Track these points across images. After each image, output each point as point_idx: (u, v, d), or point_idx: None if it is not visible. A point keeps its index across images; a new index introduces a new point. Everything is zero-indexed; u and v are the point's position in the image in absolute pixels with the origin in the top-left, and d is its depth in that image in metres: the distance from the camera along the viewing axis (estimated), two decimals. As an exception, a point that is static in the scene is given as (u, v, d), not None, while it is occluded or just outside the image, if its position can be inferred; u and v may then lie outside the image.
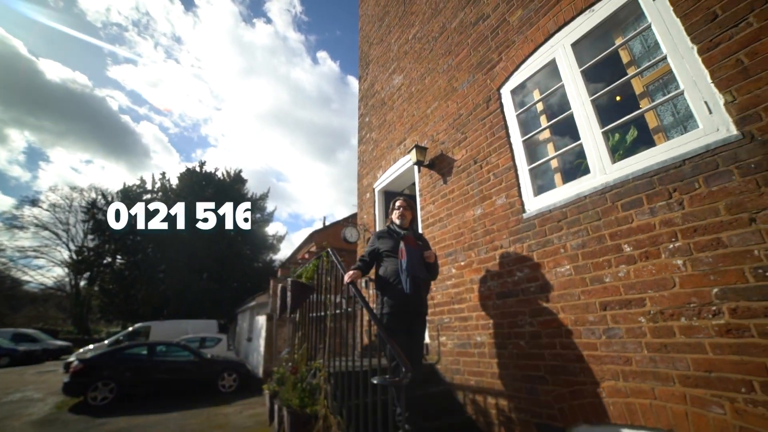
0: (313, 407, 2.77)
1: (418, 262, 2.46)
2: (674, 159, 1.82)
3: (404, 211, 2.77)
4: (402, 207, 2.78)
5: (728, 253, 1.58)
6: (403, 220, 2.75)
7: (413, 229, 2.83)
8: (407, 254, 2.44)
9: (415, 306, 2.47)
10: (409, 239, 2.56)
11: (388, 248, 2.59)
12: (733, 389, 1.49)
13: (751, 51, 1.66)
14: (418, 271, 2.44)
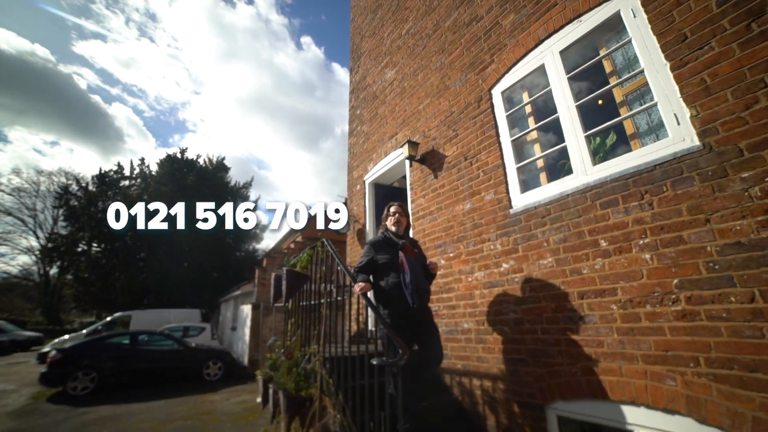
0: (308, 390, 2.91)
1: (420, 274, 2.40)
2: (647, 164, 2.03)
3: (400, 218, 2.66)
4: (398, 213, 2.67)
5: (687, 249, 1.80)
6: (398, 227, 2.64)
7: (408, 237, 2.73)
8: (409, 267, 2.37)
9: (419, 316, 2.45)
10: (408, 249, 2.48)
11: (387, 260, 2.48)
12: (684, 365, 1.73)
13: (712, 72, 1.86)
14: (422, 284, 2.37)
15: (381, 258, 2.51)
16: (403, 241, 2.54)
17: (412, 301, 2.30)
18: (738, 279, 1.63)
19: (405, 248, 2.47)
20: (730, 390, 1.59)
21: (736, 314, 1.62)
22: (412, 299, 2.30)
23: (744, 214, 1.66)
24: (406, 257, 2.41)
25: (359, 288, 2.38)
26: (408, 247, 2.50)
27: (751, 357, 1.56)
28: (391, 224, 2.66)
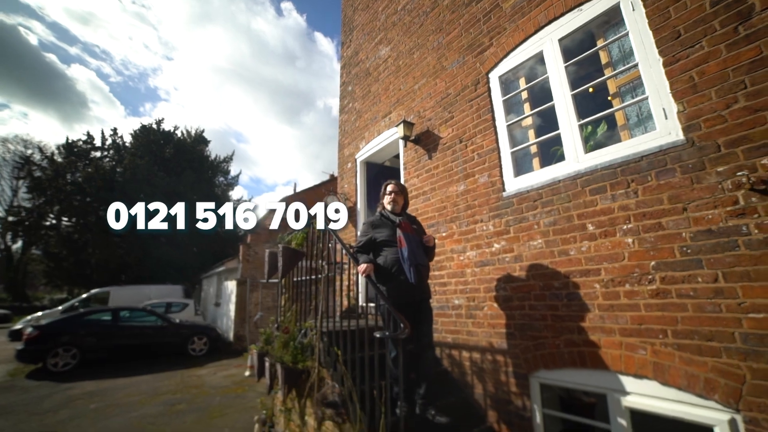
0: (305, 363, 3.05)
1: (418, 249, 2.47)
2: (635, 155, 2.18)
3: (396, 197, 2.70)
4: (394, 192, 2.70)
5: (665, 235, 1.99)
6: (395, 206, 2.69)
7: (406, 214, 2.78)
8: (407, 242, 2.43)
9: (420, 294, 2.49)
10: (406, 226, 2.53)
11: (385, 237, 2.54)
12: (654, 336, 1.96)
13: (700, 71, 1.99)
14: (420, 259, 2.45)
15: (379, 236, 2.57)
16: (400, 218, 2.61)
17: (411, 277, 2.37)
18: (706, 262, 1.83)
19: (402, 225, 2.53)
20: (690, 357, 1.82)
21: (701, 293, 1.83)
22: (410, 274, 2.38)
23: (716, 205, 1.84)
24: (404, 233, 2.47)
25: (363, 270, 2.41)
26: (405, 224, 2.56)
27: (709, 329, 1.78)
28: (388, 203, 2.71)
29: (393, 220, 2.62)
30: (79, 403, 5.46)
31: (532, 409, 2.46)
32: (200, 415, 4.72)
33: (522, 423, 2.51)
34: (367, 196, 5.06)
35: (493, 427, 2.69)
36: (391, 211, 2.70)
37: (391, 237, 2.54)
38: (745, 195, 1.76)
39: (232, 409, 4.93)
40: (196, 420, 4.52)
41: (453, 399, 2.82)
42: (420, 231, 2.70)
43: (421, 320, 2.49)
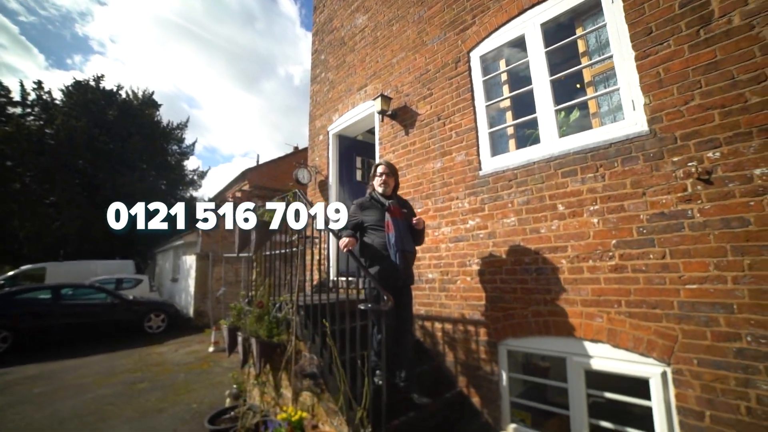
0: (280, 337, 3.06)
1: (405, 235, 2.45)
2: (605, 142, 2.35)
3: (387, 179, 2.63)
4: (384, 174, 2.63)
5: (626, 216, 2.21)
6: (385, 188, 2.63)
7: (397, 197, 2.72)
8: (395, 227, 2.41)
9: (403, 279, 2.50)
10: (395, 210, 2.49)
11: (373, 221, 2.52)
12: (610, 306, 2.21)
13: (666, 67, 2.16)
14: (407, 245, 2.44)
15: (367, 219, 2.56)
16: (390, 201, 2.55)
17: (397, 261, 2.38)
18: (657, 241, 2.08)
19: (391, 209, 2.50)
20: (638, 322, 2.10)
21: (651, 268, 2.08)
22: (396, 259, 2.39)
23: (669, 191, 2.07)
24: (392, 218, 2.45)
25: (344, 244, 2.40)
26: (395, 208, 2.52)
27: (655, 298, 2.05)
28: (378, 185, 2.66)
29: (383, 203, 2.57)
30: (19, 389, 4.99)
31: (499, 374, 2.71)
32: (165, 392, 4.58)
33: (490, 386, 2.76)
34: (339, 170, 4.98)
35: (463, 391, 2.92)
36: (381, 194, 2.64)
37: (379, 221, 2.52)
38: (692, 183, 2.00)
39: (198, 385, 4.83)
40: (161, 397, 4.38)
41: (426, 367, 3.00)
42: (410, 215, 2.67)
43: (401, 305, 2.49)
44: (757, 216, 1.80)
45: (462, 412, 2.80)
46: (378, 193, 2.66)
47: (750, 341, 1.77)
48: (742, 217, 1.84)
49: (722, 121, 1.95)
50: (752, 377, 1.75)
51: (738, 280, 1.82)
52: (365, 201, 2.66)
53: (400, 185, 2.96)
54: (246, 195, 10.95)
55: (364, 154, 5.24)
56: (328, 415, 2.56)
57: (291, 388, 2.84)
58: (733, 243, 1.85)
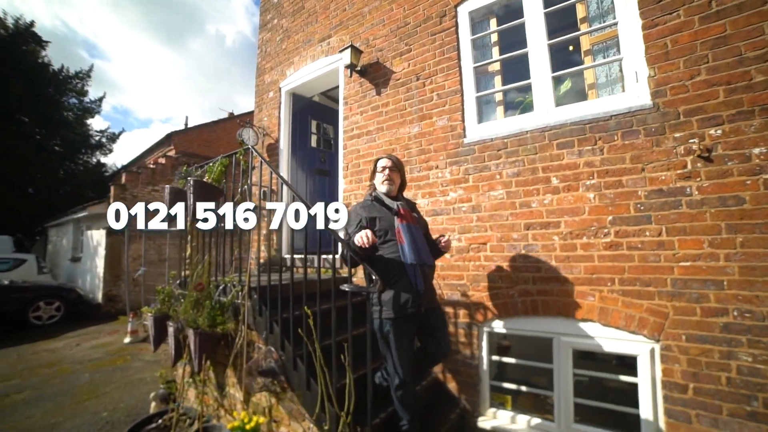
0: (225, 325, 2.47)
1: (422, 245, 1.93)
2: (605, 113, 2.23)
3: (391, 174, 2.08)
4: (389, 168, 2.09)
5: (623, 192, 2.14)
6: (390, 186, 2.07)
7: (404, 198, 2.19)
8: (408, 236, 1.89)
9: (427, 303, 1.95)
10: (406, 214, 1.97)
11: (380, 228, 1.97)
12: (603, 284, 2.15)
13: (674, 39, 2.09)
14: (425, 257, 1.92)
15: (375, 226, 1.97)
16: (399, 203, 2.02)
17: (416, 280, 1.86)
18: (654, 218, 2.04)
19: (401, 213, 1.96)
20: (630, 301, 2.06)
21: (647, 245, 2.05)
22: (415, 278, 1.86)
23: (669, 167, 2.03)
24: (403, 224, 1.93)
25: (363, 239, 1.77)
26: (405, 211, 1.98)
27: (649, 276, 2.03)
28: (381, 182, 2.09)
29: (389, 206, 2.02)
30: None
31: (480, 357, 2.55)
32: (60, 401, 3.50)
33: (469, 371, 2.58)
34: (292, 133, 4.30)
35: (438, 377, 2.71)
36: (386, 194, 2.09)
37: (386, 228, 1.98)
38: (693, 161, 1.97)
39: (111, 387, 3.83)
40: (52, 409, 3.31)
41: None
42: (422, 221, 2.17)
43: (429, 329, 2.05)
44: (752, 195, 1.83)
45: (437, 400, 2.59)
46: (381, 192, 2.10)
47: (736, 316, 1.82)
48: (738, 196, 1.86)
49: (726, 98, 1.92)
50: (735, 350, 1.81)
51: (730, 258, 1.85)
52: (366, 202, 2.09)
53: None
54: (172, 162, 9.22)
55: (320, 118, 4.62)
56: (292, 418, 2.11)
57: (241, 388, 2.30)
58: (728, 221, 1.87)
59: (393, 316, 1.86)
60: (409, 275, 1.87)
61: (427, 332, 2.06)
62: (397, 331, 1.88)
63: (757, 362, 1.77)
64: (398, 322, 1.87)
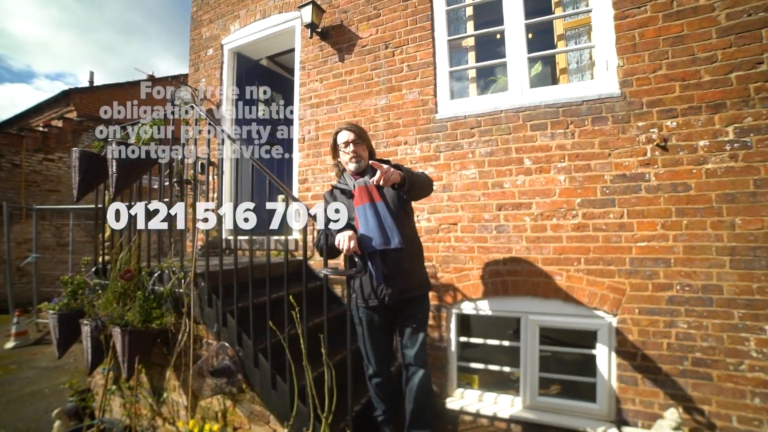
0: (162, 320, 2.04)
1: (385, 224, 1.63)
2: (578, 98, 2.29)
3: (357, 148, 1.76)
4: (353, 143, 1.76)
5: (592, 176, 2.23)
6: (360, 163, 1.77)
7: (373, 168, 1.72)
8: (363, 220, 1.65)
9: (396, 292, 1.66)
10: (362, 193, 1.68)
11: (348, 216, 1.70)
12: (570, 264, 2.25)
13: (641, 32, 2.20)
14: (387, 239, 1.60)
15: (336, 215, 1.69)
16: (359, 181, 1.73)
17: (376, 270, 1.61)
18: (618, 201, 2.17)
19: (359, 193, 1.69)
20: (594, 279, 2.19)
21: (610, 227, 2.18)
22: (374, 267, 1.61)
23: (632, 154, 2.16)
24: (358, 207, 1.67)
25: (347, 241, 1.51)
26: (361, 190, 1.69)
27: (611, 256, 2.17)
28: (348, 161, 1.79)
29: (347, 190, 1.77)
30: None
31: (449, 339, 2.52)
32: None
33: (437, 353, 2.54)
34: (237, 100, 3.73)
35: (404, 358, 2.63)
36: (354, 172, 1.80)
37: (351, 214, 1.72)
38: (652, 149, 2.12)
39: None
40: None
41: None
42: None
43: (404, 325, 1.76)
44: (697, 182, 2.03)
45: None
46: (350, 171, 1.82)
47: (678, 289, 2.03)
48: (685, 183, 2.05)
49: (681, 94, 2.09)
50: (675, 319, 2.03)
51: (677, 238, 2.05)
52: (329, 192, 1.87)
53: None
54: (72, 126, 7.42)
55: (270, 85, 4.07)
56: (253, 422, 1.83)
57: (187, 392, 1.92)
58: (677, 205, 2.06)
59: (362, 305, 1.75)
60: (370, 268, 1.62)
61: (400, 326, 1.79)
62: (367, 319, 1.77)
63: (691, 328, 2.01)
64: (367, 310, 1.75)
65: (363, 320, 1.77)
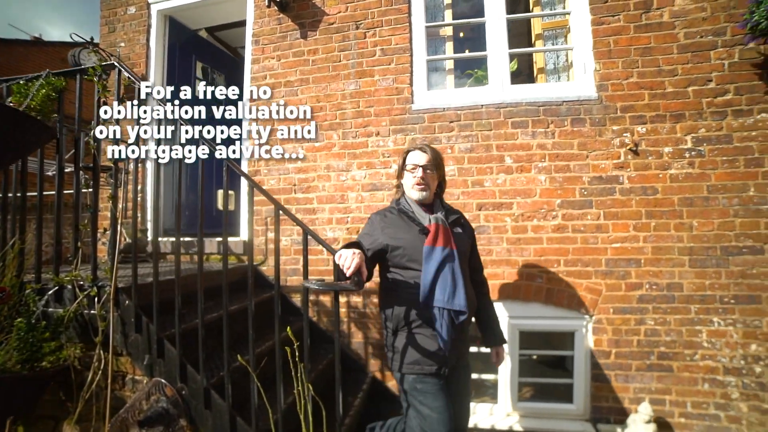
0: (58, 354, 1.47)
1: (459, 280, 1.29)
2: (558, 98, 2.27)
3: (426, 176, 1.42)
4: (422, 168, 1.41)
5: (571, 177, 2.23)
6: (425, 193, 1.42)
7: (443, 204, 1.51)
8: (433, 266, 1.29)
9: (454, 359, 1.37)
10: (439, 233, 1.34)
11: (403, 249, 1.36)
12: (550, 266, 2.21)
13: (616, 39, 2.26)
14: (458, 299, 1.28)
15: (393, 243, 1.37)
16: (434, 216, 1.39)
17: (444, 333, 1.27)
18: (595, 203, 2.19)
19: (433, 233, 1.34)
20: (573, 280, 2.18)
21: (588, 228, 2.19)
22: (442, 329, 1.27)
23: (607, 157, 2.20)
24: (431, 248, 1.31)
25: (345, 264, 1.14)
26: (439, 229, 1.35)
27: (589, 257, 2.18)
28: (411, 186, 1.43)
29: (418, 221, 1.41)
30: None
31: (428, 346, 2.32)
32: None
33: (412, 362, 2.32)
34: (167, 73, 3.06)
35: (376, 376, 2.36)
36: (418, 201, 1.45)
37: (413, 249, 1.36)
38: (625, 152, 2.19)
39: None
40: None
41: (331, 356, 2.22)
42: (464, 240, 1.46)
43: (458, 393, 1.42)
44: (663, 186, 2.14)
45: (383, 406, 2.24)
46: (411, 200, 1.47)
47: (647, 288, 2.12)
48: (653, 186, 2.15)
49: (649, 102, 2.19)
50: (644, 316, 2.12)
51: (646, 240, 2.14)
52: (390, 211, 1.48)
53: (446, 180, 1.58)
54: None
55: (209, 62, 3.47)
56: (205, 484, 1.39)
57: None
58: (646, 208, 2.15)
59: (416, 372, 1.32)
60: (437, 325, 1.28)
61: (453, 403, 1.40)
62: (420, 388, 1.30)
63: (657, 324, 2.11)
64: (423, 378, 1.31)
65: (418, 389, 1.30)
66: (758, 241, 2.08)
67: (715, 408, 2.07)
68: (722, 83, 2.15)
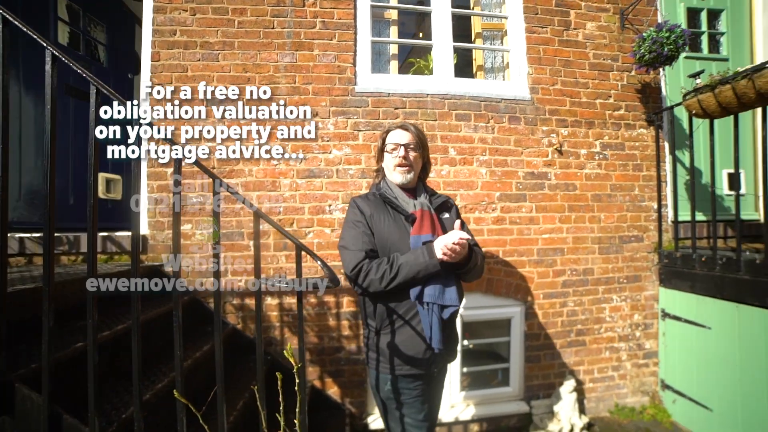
0: None
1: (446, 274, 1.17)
2: (497, 96, 2.36)
3: (409, 155, 1.27)
4: (404, 147, 1.26)
5: (508, 171, 2.33)
6: (408, 176, 1.28)
7: (426, 188, 1.37)
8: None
9: (441, 361, 1.27)
10: (425, 221, 1.21)
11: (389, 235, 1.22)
12: (490, 257, 2.27)
13: (545, 48, 2.46)
14: (449, 295, 1.17)
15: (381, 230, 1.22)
16: (417, 201, 1.27)
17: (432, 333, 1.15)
18: (528, 197, 2.34)
19: (419, 220, 1.21)
20: (510, 270, 2.29)
21: (522, 220, 2.32)
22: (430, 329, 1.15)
23: (538, 155, 2.38)
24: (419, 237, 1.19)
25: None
26: (425, 216, 1.22)
27: (524, 247, 2.31)
28: (393, 168, 1.29)
29: (402, 208, 1.25)
30: None
31: (373, 347, 2.14)
32: None
33: (354, 368, 2.12)
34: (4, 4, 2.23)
35: (315, 385, 2.09)
36: (401, 185, 1.30)
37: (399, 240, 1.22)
38: (552, 151, 2.39)
39: None
40: None
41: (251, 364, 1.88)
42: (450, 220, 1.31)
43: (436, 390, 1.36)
44: (580, 183, 2.41)
45: (322, 414, 1.98)
46: (394, 184, 1.31)
47: (569, 274, 2.35)
48: (573, 183, 2.40)
49: (570, 108, 2.44)
50: (566, 299, 2.34)
51: (568, 231, 2.37)
52: (370, 198, 1.31)
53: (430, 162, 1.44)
54: None
55: (81, 2, 2.66)
56: None
57: None
58: (569, 202, 2.38)
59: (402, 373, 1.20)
60: (424, 325, 1.17)
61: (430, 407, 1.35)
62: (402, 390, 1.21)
63: (575, 305, 2.36)
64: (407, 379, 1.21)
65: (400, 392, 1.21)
66: (640, 231, 2.49)
67: (612, 370, 2.43)
68: (618, 100, 2.53)
